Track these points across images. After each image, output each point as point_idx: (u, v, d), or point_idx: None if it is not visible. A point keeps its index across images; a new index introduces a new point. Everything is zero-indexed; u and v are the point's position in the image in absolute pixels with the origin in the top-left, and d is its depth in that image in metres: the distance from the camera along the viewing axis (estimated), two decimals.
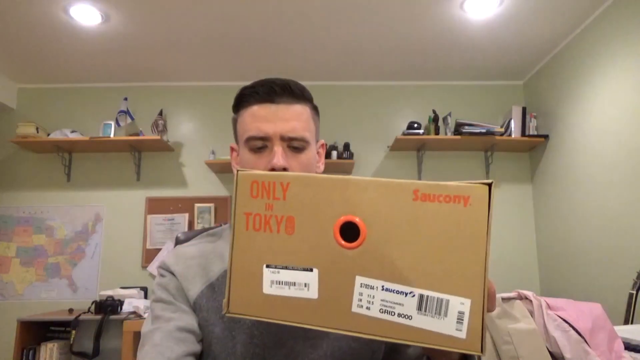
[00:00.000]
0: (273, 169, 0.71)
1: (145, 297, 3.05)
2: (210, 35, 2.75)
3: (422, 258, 0.31)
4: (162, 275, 0.76)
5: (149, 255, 3.17)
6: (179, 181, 3.33)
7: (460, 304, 0.30)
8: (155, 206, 3.26)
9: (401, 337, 0.32)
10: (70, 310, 2.89)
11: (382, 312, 0.32)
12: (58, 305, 3.09)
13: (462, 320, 0.30)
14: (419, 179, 3.31)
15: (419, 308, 0.31)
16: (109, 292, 2.83)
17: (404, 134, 3.11)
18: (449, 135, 3.13)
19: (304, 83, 0.79)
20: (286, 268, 0.34)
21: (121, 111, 3.17)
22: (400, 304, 0.31)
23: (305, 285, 0.33)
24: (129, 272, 3.17)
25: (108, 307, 2.72)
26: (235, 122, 0.80)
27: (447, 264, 0.30)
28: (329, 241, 0.32)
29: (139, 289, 3.00)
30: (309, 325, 0.34)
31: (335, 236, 0.32)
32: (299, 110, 0.75)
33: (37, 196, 3.27)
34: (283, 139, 0.73)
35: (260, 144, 0.73)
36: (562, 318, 1.22)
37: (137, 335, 2.53)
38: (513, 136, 3.11)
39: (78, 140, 3.08)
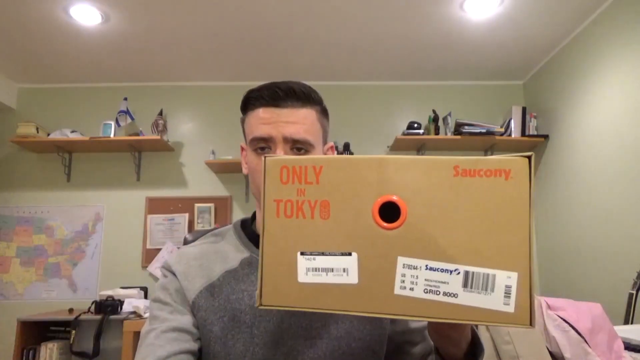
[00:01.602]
0: None
1: (145, 297, 3.05)
2: (211, 35, 2.75)
3: (466, 234, 0.30)
4: (164, 276, 0.78)
5: (149, 255, 3.17)
6: (179, 181, 3.33)
7: (507, 278, 0.30)
8: (155, 206, 3.26)
9: (447, 317, 0.31)
10: (70, 310, 2.89)
11: (427, 292, 0.31)
12: (58, 305, 3.09)
13: (510, 294, 0.30)
14: None
15: (465, 285, 0.30)
16: (109, 292, 2.83)
17: (404, 134, 3.11)
18: (449, 135, 3.13)
19: (304, 83, 0.79)
20: (323, 254, 0.33)
21: (121, 111, 3.17)
22: (445, 283, 0.31)
23: (344, 271, 0.32)
24: (129, 272, 3.17)
25: (108, 307, 2.72)
26: (243, 122, 0.81)
27: (491, 239, 0.30)
28: (368, 223, 0.32)
29: (139, 289, 3.00)
30: (350, 312, 0.33)
31: (374, 217, 0.32)
32: (304, 114, 0.75)
33: (37, 196, 3.27)
34: (286, 141, 0.73)
35: (263, 145, 0.74)
36: (562, 318, 1.22)
37: (137, 335, 2.53)
38: (513, 136, 3.11)
39: (78, 140, 3.08)
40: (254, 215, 0.86)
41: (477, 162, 0.30)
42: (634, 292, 1.77)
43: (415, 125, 3.14)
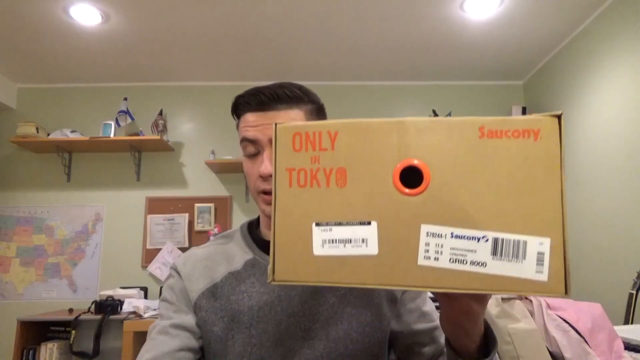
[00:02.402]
0: (262, 177, 0.72)
1: (145, 297, 3.05)
2: (211, 35, 2.75)
3: (494, 199, 0.28)
4: (171, 276, 0.80)
5: (149, 255, 3.17)
6: (179, 181, 3.33)
7: (539, 245, 0.28)
8: (155, 206, 3.26)
9: (475, 287, 0.29)
10: (70, 310, 2.89)
11: (453, 262, 0.29)
12: (58, 305, 3.09)
13: (543, 261, 0.27)
14: None
15: (494, 253, 0.28)
16: (109, 292, 2.83)
17: None
18: None
19: (304, 83, 0.79)
20: (340, 224, 0.31)
21: (121, 111, 3.17)
22: (472, 251, 0.29)
23: (362, 241, 0.30)
24: (129, 272, 3.17)
25: (108, 307, 2.72)
26: (237, 127, 0.83)
27: (521, 203, 0.28)
28: (388, 190, 0.30)
29: (139, 289, 3.00)
30: (369, 285, 0.31)
31: (395, 183, 0.30)
32: (291, 116, 0.75)
33: (37, 196, 3.27)
34: (272, 142, 0.73)
35: (252, 149, 0.75)
36: (562, 318, 1.22)
37: (137, 335, 2.53)
38: None
39: (78, 140, 3.08)
40: (258, 219, 0.87)
41: (504, 122, 0.29)
42: (634, 292, 1.77)
43: None
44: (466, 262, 0.29)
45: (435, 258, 0.29)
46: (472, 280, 0.29)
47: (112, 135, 3.11)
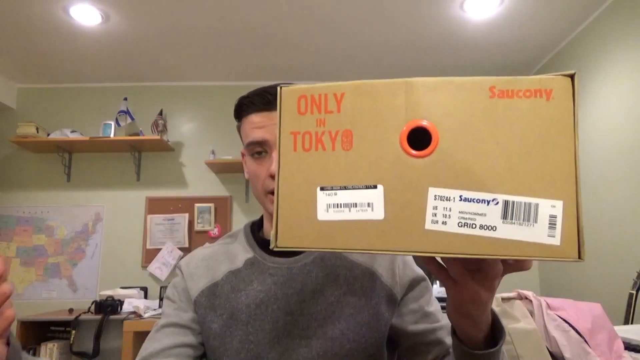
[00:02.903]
0: (272, 176, 0.72)
1: (145, 297, 3.05)
2: (211, 35, 2.75)
3: (505, 160, 0.28)
4: (176, 275, 0.83)
5: (149, 255, 3.17)
6: (179, 181, 3.33)
7: (551, 207, 0.26)
8: (155, 206, 3.26)
9: (486, 252, 0.28)
10: (70, 310, 2.89)
11: (462, 226, 0.28)
12: (58, 305, 3.09)
13: (555, 225, 0.26)
14: None
15: (504, 216, 0.27)
16: (109, 292, 2.83)
17: None
18: None
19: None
20: (345, 188, 0.30)
21: (121, 111, 3.17)
22: (482, 215, 0.28)
23: (368, 205, 0.29)
24: (129, 272, 3.17)
25: (108, 307, 2.72)
26: (239, 129, 0.82)
27: (532, 165, 0.27)
28: (395, 152, 0.29)
29: (139, 289, 3.00)
30: (376, 251, 0.30)
31: (402, 145, 0.29)
32: None
33: (37, 196, 3.27)
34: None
35: (259, 150, 0.75)
36: (562, 318, 1.22)
37: (137, 335, 2.53)
38: None
39: (78, 140, 3.08)
40: (262, 219, 0.87)
41: (516, 81, 0.28)
42: (634, 292, 1.77)
43: None
44: (475, 226, 0.28)
45: (443, 222, 0.29)
46: (482, 244, 0.28)
47: (112, 135, 3.11)
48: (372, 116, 0.30)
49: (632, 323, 1.75)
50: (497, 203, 0.28)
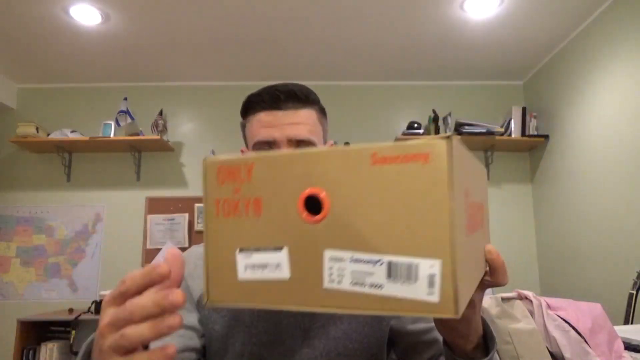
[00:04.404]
0: None
1: None
2: (211, 35, 2.75)
3: (388, 223, 0.30)
4: None
5: (149, 255, 3.17)
6: (179, 181, 3.33)
7: (430, 267, 0.29)
8: (155, 206, 3.26)
9: (374, 308, 0.30)
10: (70, 310, 2.89)
11: (354, 285, 0.31)
12: (58, 305, 3.09)
13: (434, 283, 0.29)
14: None
15: (389, 276, 0.30)
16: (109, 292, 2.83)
17: (404, 134, 3.11)
18: None
19: (304, 83, 0.79)
20: (258, 250, 0.34)
21: (121, 111, 3.17)
22: (370, 274, 0.30)
23: (276, 266, 0.33)
24: (129, 272, 3.16)
25: None
26: (243, 127, 0.82)
27: (412, 227, 0.29)
28: (295, 218, 0.32)
29: None
30: (285, 307, 0.34)
31: (300, 212, 0.32)
32: (305, 115, 0.76)
33: (37, 196, 3.27)
34: (290, 142, 0.74)
35: (267, 149, 0.75)
36: (562, 318, 1.22)
37: None
38: (513, 136, 3.11)
39: (78, 140, 3.08)
40: None
41: (396, 147, 0.30)
42: (634, 292, 1.77)
43: (415, 125, 3.14)
44: (365, 285, 0.31)
45: (338, 281, 0.31)
46: (372, 302, 0.31)
47: (112, 135, 3.11)
48: (276, 185, 0.33)
49: (632, 323, 1.75)
50: (383, 264, 0.30)
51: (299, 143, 0.74)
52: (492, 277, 0.46)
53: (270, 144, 0.74)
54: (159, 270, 0.36)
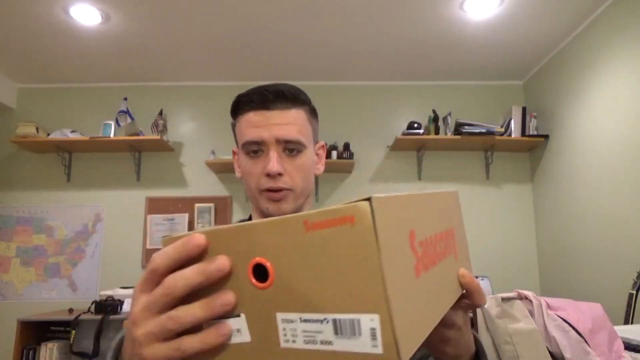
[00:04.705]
0: (268, 175, 0.74)
1: None
2: (210, 36, 2.75)
3: (326, 284, 0.32)
4: None
5: (149, 255, 3.17)
6: (179, 181, 3.33)
7: (370, 321, 0.31)
8: (155, 206, 3.26)
9: None
10: (70, 310, 2.89)
11: (307, 343, 0.33)
12: (58, 305, 3.09)
13: (375, 335, 0.31)
14: (419, 179, 3.32)
15: (336, 332, 0.32)
16: (109, 292, 2.83)
17: (404, 133, 3.11)
18: (449, 135, 3.13)
19: (303, 83, 0.79)
20: (221, 318, 0.36)
21: (121, 111, 3.17)
22: (319, 332, 0.32)
23: (238, 331, 0.35)
24: (129, 272, 3.17)
25: (108, 307, 2.72)
26: (234, 127, 0.82)
27: (348, 285, 0.31)
28: (247, 285, 0.34)
29: None
30: None
31: (250, 279, 0.34)
32: (294, 115, 0.76)
33: (37, 196, 3.27)
34: (279, 142, 0.74)
35: (256, 149, 0.75)
36: (562, 318, 1.22)
37: None
38: (513, 136, 3.11)
39: (78, 140, 3.08)
40: (250, 217, 0.87)
41: (324, 213, 0.31)
42: (634, 292, 1.77)
43: (415, 125, 3.14)
44: (317, 342, 0.33)
45: (292, 340, 0.33)
46: (325, 357, 0.33)
47: (112, 135, 3.11)
48: (230, 256, 0.35)
49: (632, 323, 1.76)
50: (328, 321, 0.32)
51: (288, 143, 0.74)
52: (469, 299, 0.47)
53: (258, 144, 0.74)
54: (195, 240, 0.33)
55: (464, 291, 0.46)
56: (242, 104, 0.78)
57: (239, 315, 0.35)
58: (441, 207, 0.47)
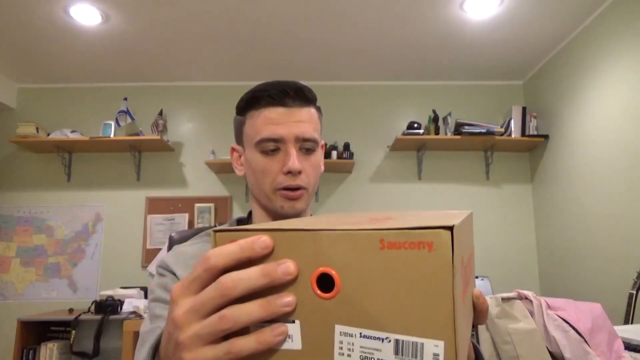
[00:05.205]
0: (289, 172, 0.72)
1: (145, 297, 3.05)
2: (210, 35, 2.75)
3: (394, 304, 0.32)
4: (161, 275, 0.76)
5: (149, 255, 3.17)
6: (179, 181, 3.33)
7: (434, 347, 0.31)
8: (155, 206, 3.26)
9: None
10: (70, 310, 2.89)
11: (363, 359, 0.33)
12: (58, 305, 3.09)
13: None
14: (419, 179, 3.32)
15: (396, 352, 0.32)
16: (109, 292, 2.83)
17: (404, 133, 3.11)
18: (449, 135, 3.13)
19: (303, 83, 0.79)
20: (273, 322, 0.35)
21: (121, 111, 3.17)
22: (378, 350, 0.32)
23: (289, 337, 0.34)
24: (129, 272, 3.17)
25: (108, 307, 2.72)
26: (241, 123, 0.79)
27: (417, 309, 0.31)
28: (308, 293, 0.34)
29: (139, 289, 3.00)
30: None
31: (313, 288, 0.34)
32: (309, 113, 0.76)
33: (37, 196, 3.27)
34: (297, 140, 0.73)
35: (272, 147, 0.73)
36: (562, 318, 1.22)
37: (137, 335, 2.52)
38: (513, 136, 3.11)
39: (78, 140, 3.08)
40: (249, 214, 0.86)
41: (402, 234, 0.31)
42: (634, 292, 1.77)
43: (415, 125, 3.14)
44: (374, 359, 0.33)
45: (348, 355, 0.33)
46: None
47: (112, 135, 3.11)
48: (295, 260, 0.35)
49: (632, 323, 1.76)
50: (390, 341, 0.32)
51: (305, 142, 0.74)
52: (475, 319, 0.47)
53: (276, 141, 0.73)
54: (264, 242, 0.31)
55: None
56: (257, 99, 0.75)
57: (293, 322, 0.34)
58: (469, 228, 0.47)
